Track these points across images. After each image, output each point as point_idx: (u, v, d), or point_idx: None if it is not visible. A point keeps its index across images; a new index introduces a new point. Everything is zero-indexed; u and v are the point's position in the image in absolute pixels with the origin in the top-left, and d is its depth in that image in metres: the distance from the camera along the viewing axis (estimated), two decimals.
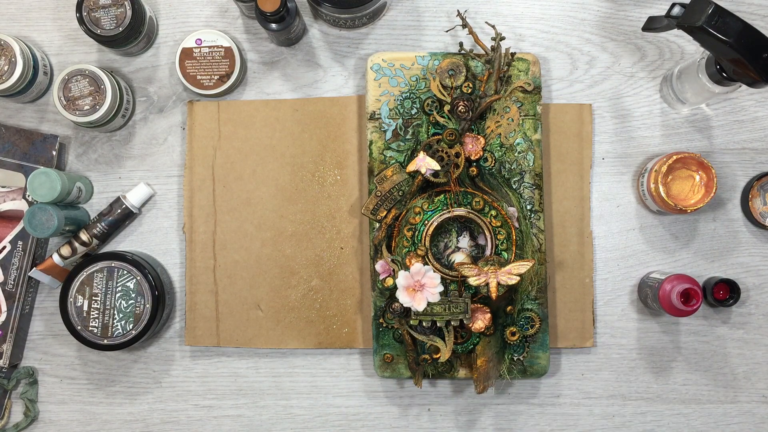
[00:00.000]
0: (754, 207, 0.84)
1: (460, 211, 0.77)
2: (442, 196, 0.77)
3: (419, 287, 0.74)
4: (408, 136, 0.80)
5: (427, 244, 0.76)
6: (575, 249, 0.83)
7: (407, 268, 0.75)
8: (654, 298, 0.79)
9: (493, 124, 0.80)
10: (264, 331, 0.83)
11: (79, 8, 0.79)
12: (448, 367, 0.80)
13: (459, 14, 0.81)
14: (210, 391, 0.84)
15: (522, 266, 0.74)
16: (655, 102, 0.85)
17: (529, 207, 0.80)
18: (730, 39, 0.66)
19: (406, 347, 0.78)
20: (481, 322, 0.76)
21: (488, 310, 0.77)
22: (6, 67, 0.79)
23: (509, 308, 0.78)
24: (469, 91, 0.79)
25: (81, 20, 0.79)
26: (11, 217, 0.82)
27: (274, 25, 0.78)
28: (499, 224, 0.77)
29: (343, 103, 0.84)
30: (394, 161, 0.80)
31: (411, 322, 0.76)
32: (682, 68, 0.80)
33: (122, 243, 0.85)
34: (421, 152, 0.76)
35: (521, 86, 0.80)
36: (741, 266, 0.84)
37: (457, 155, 0.77)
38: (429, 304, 0.74)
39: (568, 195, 0.83)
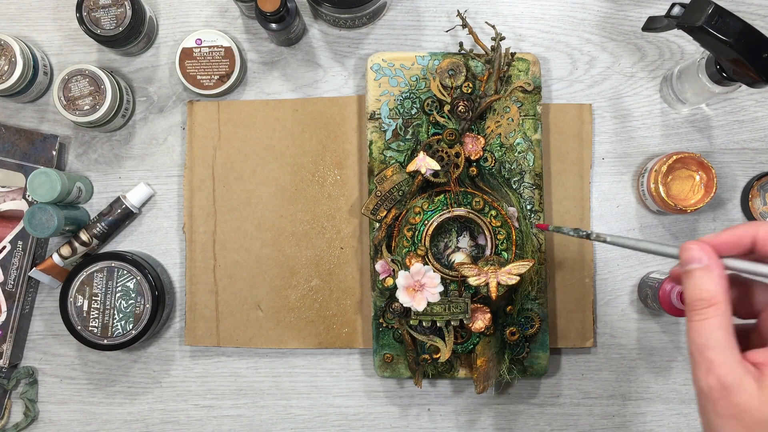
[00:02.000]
0: (754, 207, 0.84)
1: (460, 211, 0.77)
2: (442, 196, 0.77)
3: (419, 287, 0.74)
4: (408, 136, 0.80)
5: (427, 244, 0.76)
6: (575, 249, 0.83)
7: (407, 268, 0.75)
8: (654, 298, 0.79)
9: (493, 124, 0.80)
10: (264, 331, 0.83)
11: (79, 8, 0.79)
12: (448, 367, 0.80)
13: (459, 14, 0.81)
14: (210, 391, 0.84)
15: (522, 266, 0.74)
16: (655, 102, 0.85)
17: (529, 207, 0.80)
18: (730, 39, 0.66)
19: (406, 347, 0.78)
20: (481, 322, 0.76)
21: (488, 310, 0.77)
22: (6, 67, 0.79)
23: (509, 308, 0.78)
24: (469, 91, 0.79)
25: (81, 20, 0.79)
26: (11, 217, 0.82)
27: (274, 25, 0.78)
28: (499, 224, 0.77)
29: (343, 103, 0.84)
30: (394, 161, 0.80)
31: (411, 322, 0.76)
32: (682, 68, 0.80)
33: (122, 243, 0.85)
34: (421, 152, 0.76)
35: (521, 86, 0.81)
36: None
37: (457, 155, 0.77)
38: (429, 304, 0.74)
39: (568, 195, 0.83)
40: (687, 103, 0.82)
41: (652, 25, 0.75)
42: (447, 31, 0.85)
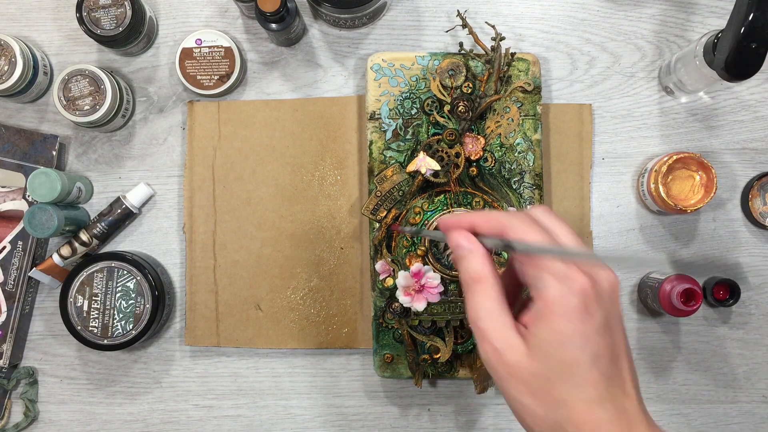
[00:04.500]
0: (754, 207, 0.84)
1: (460, 211, 0.77)
2: (442, 196, 0.77)
3: (419, 287, 0.74)
4: (408, 136, 0.80)
5: (427, 244, 0.76)
6: None
7: (407, 268, 0.75)
8: (654, 298, 0.79)
9: (493, 124, 0.80)
10: (264, 331, 0.83)
11: (79, 8, 0.79)
12: (448, 367, 0.80)
13: (459, 14, 0.81)
14: (210, 391, 0.84)
15: None
16: (655, 102, 0.85)
17: (529, 207, 0.80)
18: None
19: (406, 347, 0.78)
20: None
21: None
22: (6, 67, 0.79)
23: None
24: (469, 91, 0.79)
25: (81, 20, 0.79)
26: (11, 217, 0.82)
27: (274, 25, 0.78)
28: None
29: (343, 103, 0.84)
30: (394, 161, 0.80)
31: (411, 322, 0.76)
32: (680, 55, 0.80)
33: (122, 243, 0.85)
34: (421, 152, 0.76)
35: (521, 86, 0.80)
36: (741, 266, 0.84)
37: (457, 155, 0.77)
38: (429, 304, 0.74)
39: (568, 195, 0.83)
40: (685, 91, 0.82)
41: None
42: (447, 31, 0.85)
